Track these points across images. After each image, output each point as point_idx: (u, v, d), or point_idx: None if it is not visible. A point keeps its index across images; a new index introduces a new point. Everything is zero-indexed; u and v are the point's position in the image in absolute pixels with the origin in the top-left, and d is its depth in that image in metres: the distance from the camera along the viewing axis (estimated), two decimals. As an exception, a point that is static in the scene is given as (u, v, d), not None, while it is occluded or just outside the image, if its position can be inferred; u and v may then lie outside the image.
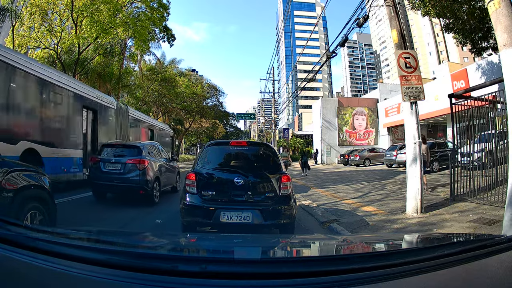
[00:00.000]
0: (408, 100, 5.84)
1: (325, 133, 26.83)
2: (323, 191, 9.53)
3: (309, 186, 11.32)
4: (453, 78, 21.86)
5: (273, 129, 25.71)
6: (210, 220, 3.67)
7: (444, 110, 20.88)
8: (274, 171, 4.03)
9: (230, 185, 3.81)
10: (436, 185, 8.83)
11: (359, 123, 27.71)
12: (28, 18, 17.23)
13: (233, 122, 54.53)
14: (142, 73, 22.06)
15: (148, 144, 8.11)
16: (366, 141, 27.84)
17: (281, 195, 3.87)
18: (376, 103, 28.38)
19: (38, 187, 3.18)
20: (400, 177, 12.10)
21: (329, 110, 27.14)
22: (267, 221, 3.69)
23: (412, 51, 6.37)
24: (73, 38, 16.55)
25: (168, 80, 22.63)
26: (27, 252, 1.06)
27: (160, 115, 27.65)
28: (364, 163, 20.60)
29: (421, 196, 5.73)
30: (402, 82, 5.90)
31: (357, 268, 1.02)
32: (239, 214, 3.65)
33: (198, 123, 41.29)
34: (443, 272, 1.02)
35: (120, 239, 1.66)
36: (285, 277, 0.98)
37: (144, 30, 16.10)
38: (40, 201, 3.11)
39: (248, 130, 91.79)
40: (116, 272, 0.97)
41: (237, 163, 4.22)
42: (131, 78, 20.71)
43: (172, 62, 28.34)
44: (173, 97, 23.80)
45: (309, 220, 5.73)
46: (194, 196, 3.83)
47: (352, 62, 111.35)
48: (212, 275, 0.97)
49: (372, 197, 7.75)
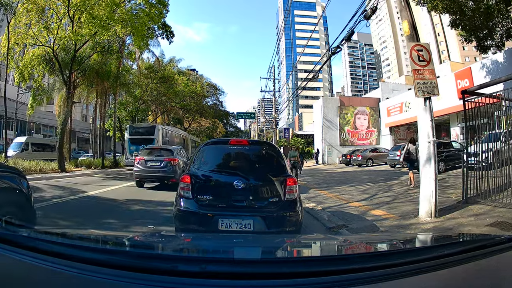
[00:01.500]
0: (421, 95, 5.44)
1: (326, 132, 26.41)
2: (327, 193, 9.13)
3: (312, 187, 10.92)
4: (456, 76, 21.46)
5: (273, 128, 25.25)
6: (206, 227, 3.30)
7: (448, 109, 20.59)
8: (278, 173, 3.61)
9: (230, 188, 3.41)
10: (445, 186, 8.45)
11: (361, 122, 27.30)
12: (24, 14, 16.87)
13: (233, 121, 54.29)
14: (141, 71, 21.59)
15: (177, 148, 11.26)
16: (368, 141, 27.44)
17: (286, 200, 3.47)
18: (378, 102, 28.00)
19: (16, 191, 2.92)
20: (405, 178, 11.70)
21: (331, 110, 26.72)
22: (270, 229, 3.28)
23: (425, 44, 5.98)
24: (70, 35, 16.14)
25: (166, 78, 22.19)
26: (27, 252, 1.06)
27: (159, 114, 27.24)
28: (366, 163, 20.16)
29: (435, 199, 5.35)
30: (416, 76, 5.50)
31: (357, 268, 1.01)
32: (240, 221, 3.27)
33: (198, 123, 40.90)
34: (443, 272, 1.02)
35: (120, 239, 1.66)
36: (285, 277, 0.98)
37: (143, 27, 15.68)
38: (17, 206, 2.85)
39: (248, 130, 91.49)
40: (116, 272, 0.97)
41: (237, 164, 3.82)
42: (129, 76, 20.25)
43: (172, 61, 27.89)
44: (172, 95, 23.34)
45: (314, 225, 5.33)
46: (189, 201, 3.46)
47: (352, 62, 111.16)
48: (212, 275, 0.97)
49: (380, 199, 7.34)
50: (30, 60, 17.50)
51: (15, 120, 28.49)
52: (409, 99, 24.44)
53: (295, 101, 79.11)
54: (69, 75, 16.66)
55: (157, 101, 24.12)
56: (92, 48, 18.75)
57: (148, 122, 28.54)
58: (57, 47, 17.65)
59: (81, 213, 5.82)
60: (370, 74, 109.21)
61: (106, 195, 8.19)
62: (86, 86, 20.24)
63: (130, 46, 19.28)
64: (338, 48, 9.14)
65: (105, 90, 19.14)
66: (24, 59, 17.73)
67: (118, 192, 9.01)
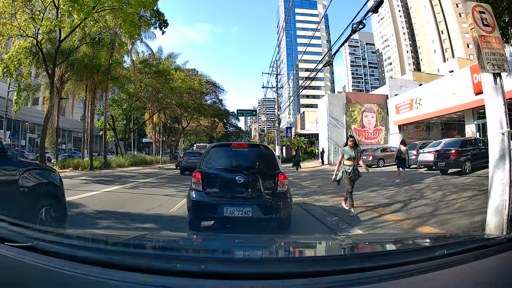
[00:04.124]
0: (491, 70, 3.97)
1: (332, 131, 24.83)
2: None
3: (325, 191, 9.44)
4: (472, 70, 19.87)
5: (276, 127, 23.70)
6: (214, 214, 4.02)
7: (464, 105, 19.13)
8: (272, 170, 4.34)
9: (232, 183, 4.09)
10: (484, 190, 6.97)
11: (368, 120, 25.76)
12: (10, 4, 15.53)
13: (234, 121, 52.86)
14: (134, 65, 20.04)
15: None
16: (376, 140, 25.91)
17: (279, 192, 4.16)
18: (386, 99, 26.48)
19: (51, 185, 3.43)
20: (429, 180, 10.25)
21: (337, 107, 25.14)
22: (265, 215, 4.00)
23: (486, 5, 4.51)
24: (55, 23, 14.71)
25: (162, 73, 20.63)
26: (27, 252, 1.06)
27: (155, 112, 25.72)
28: (377, 164, 18.62)
29: (508, 210, 3.91)
30: (482, 44, 4.04)
31: (357, 268, 1.02)
32: (241, 209, 3.94)
33: (197, 122, 39.41)
34: (443, 272, 1.02)
35: (120, 239, 1.64)
36: (285, 277, 0.98)
37: (134, 15, 14.25)
38: (53, 198, 3.39)
39: (249, 130, 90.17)
40: (116, 272, 0.97)
41: (238, 163, 4.42)
42: (121, 70, 18.71)
43: (170, 57, 26.29)
44: (167, 91, 21.72)
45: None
46: (200, 193, 4.12)
47: (353, 61, 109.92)
48: (212, 275, 0.97)
49: (417, 209, 5.83)
50: (17, 53, 16.16)
51: (5, 119, 26.82)
52: (420, 95, 23.02)
53: (296, 101, 77.62)
54: (53, 67, 15.23)
55: (152, 98, 22.56)
56: (81, 40, 17.37)
57: (144, 119, 27.14)
58: (42, 38, 16.31)
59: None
60: (371, 74, 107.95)
61: (77, 202, 6.72)
62: (75, 81, 18.81)
63: (123, 38, 17.79)
64: (358, 29, 7.69)
65: (95, 84, 17.64)
66: (10, 51, 16.41)
67: (94, 199, 7.51)
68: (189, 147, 64.73)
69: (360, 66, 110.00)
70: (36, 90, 19.10)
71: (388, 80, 30.29)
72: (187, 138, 53.06)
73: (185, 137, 50.19)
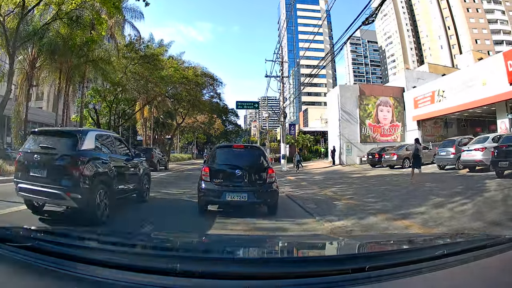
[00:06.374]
0: None
1: (344, 127, 22.01)
2: (385, 217, 4.95)
3: (350, 202, 6.71)
4: (506, 57, 17.10)
5: (281, 121, 20.94)
6: (218, 199, 5.44)
7: (496, 97, 16.44)
8: (263, 165, 5.79)
9: (232, 175, 5.53)
10: None
11: (384, 115, 23.04)
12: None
13: (233, 118, 50.08)
14: (118, 48, 17.22)
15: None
16: (392, 137, 23.22)
17: (268, 182, 5.56)
18: (402, 92, 23.77)
19: (147, 169, 7.20)
20: (491, 184, 7.62)
21: (349, 99, 22.33)
22: (257, 200, 5.49)
23: None
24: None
25: (149, 57, 17.84)
26: (27, 252, 1.06)
27: (145, 105, 22.91)
28: (403, 164, 15.83)
29: None
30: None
31: (357, 268, 1.00)
32: (239, 194, 5.36)
33: (193, 118, 36.65)
34: (443, 272, 1.01)
35: (120, 240, 1.65)
36: (285, 277, 0.97)
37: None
38: (147, 176, 7.09)
39: (249, 129, 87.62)
40: (116, 272, 0.96)
41: (237, 160, 5.82)
42: (101, 52, 15.89)
43: (160, 45, 23.17)
44: (157, 80, 18.84)
45: None
46: (208, 183, 5.51)
47: (355, 59, 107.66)
48: (211, 275, 0.97)
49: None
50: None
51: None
52: (443, 86, 20.37)
53: (297, 99, 75.11)
54: (12, 46, 12.53)
55: (140, 89, 19.75)
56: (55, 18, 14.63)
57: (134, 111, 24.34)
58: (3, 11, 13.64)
59: None
60: (373, 72, 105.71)
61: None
62: (49, 65, 16.09)
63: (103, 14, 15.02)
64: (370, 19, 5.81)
65: (68, 69, 14.88)
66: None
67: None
68: (187, 146, 62.35)
69: (362, 64, 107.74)
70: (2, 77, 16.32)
71: (404, 71, 27.60)
72: (184, 135, 50.23)
73: (181, 135, 47.40)
